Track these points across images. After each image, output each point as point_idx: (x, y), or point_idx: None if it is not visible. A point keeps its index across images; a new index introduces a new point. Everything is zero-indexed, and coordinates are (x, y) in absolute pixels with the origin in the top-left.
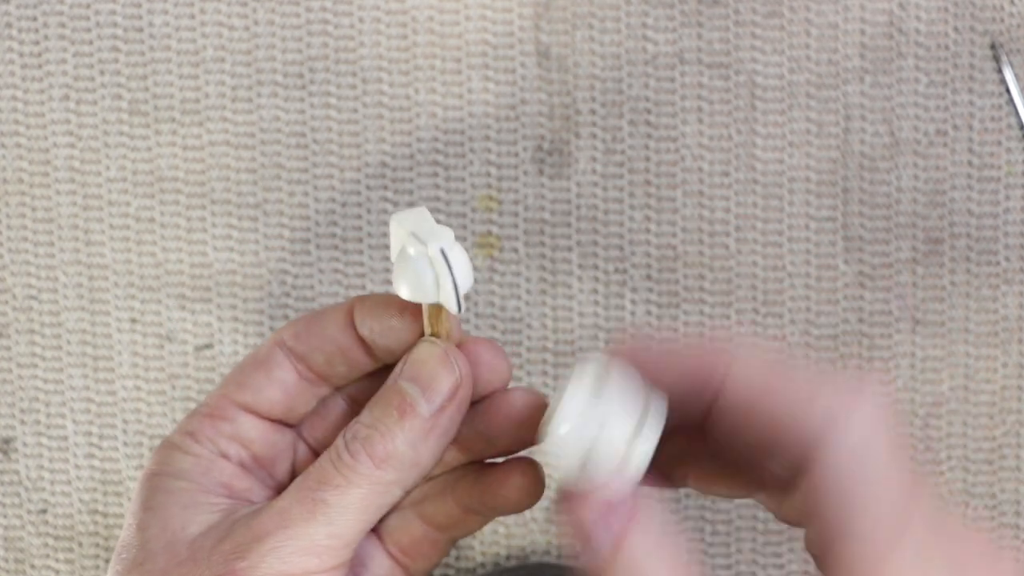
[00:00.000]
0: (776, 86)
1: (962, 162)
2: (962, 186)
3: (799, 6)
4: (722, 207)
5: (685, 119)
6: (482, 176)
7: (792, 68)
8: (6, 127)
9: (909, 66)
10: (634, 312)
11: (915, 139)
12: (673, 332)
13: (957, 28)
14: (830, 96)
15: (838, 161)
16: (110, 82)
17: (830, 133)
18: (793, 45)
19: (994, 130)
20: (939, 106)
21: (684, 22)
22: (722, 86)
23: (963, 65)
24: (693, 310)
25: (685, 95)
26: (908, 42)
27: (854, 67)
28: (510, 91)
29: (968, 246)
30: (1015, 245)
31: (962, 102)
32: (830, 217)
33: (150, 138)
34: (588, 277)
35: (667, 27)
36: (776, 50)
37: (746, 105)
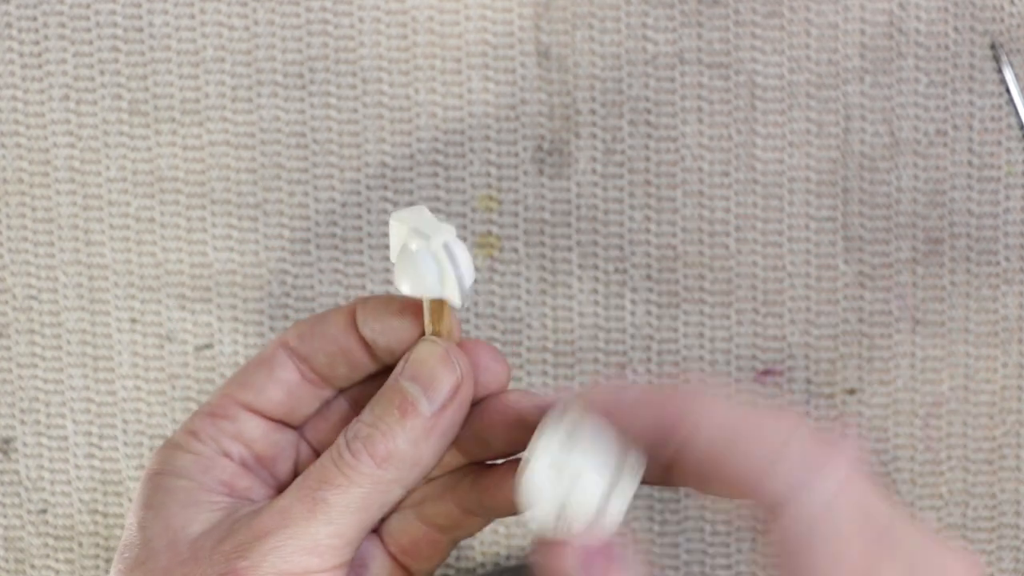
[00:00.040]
0: (776, 86)
1: (962, 162)
2: (962, 186)
3: (799, 6)
4: (722, 207)
5: (685, 119)
6: (482, 176)
7: (792, 68)
8: (6, 127)
9: (909, 66)
10: (634, 312)
11: (915, 139)
12: (638, 387)
13: (957, 28)
14: (830, 96)
15: (838, 161)
16: (110, 82)
17: (830, 133)
18: (793, 45)
19: (994, 130)
20: (939, 106)
21: (684, 22)
22: (722, 86)
23: (963, 65)
24: (693, 310)
25: (685, 95)
26: (908, 42)
27: (854, 67)
28: (510, 91)
29: (968, 246)
30: (1015, 245)
31: (962, 102)
32: (830, 217)
33: (150, 138)
34: (588, 277)
35: (667, 27)
36: (776, 50)
37: (746, 105)
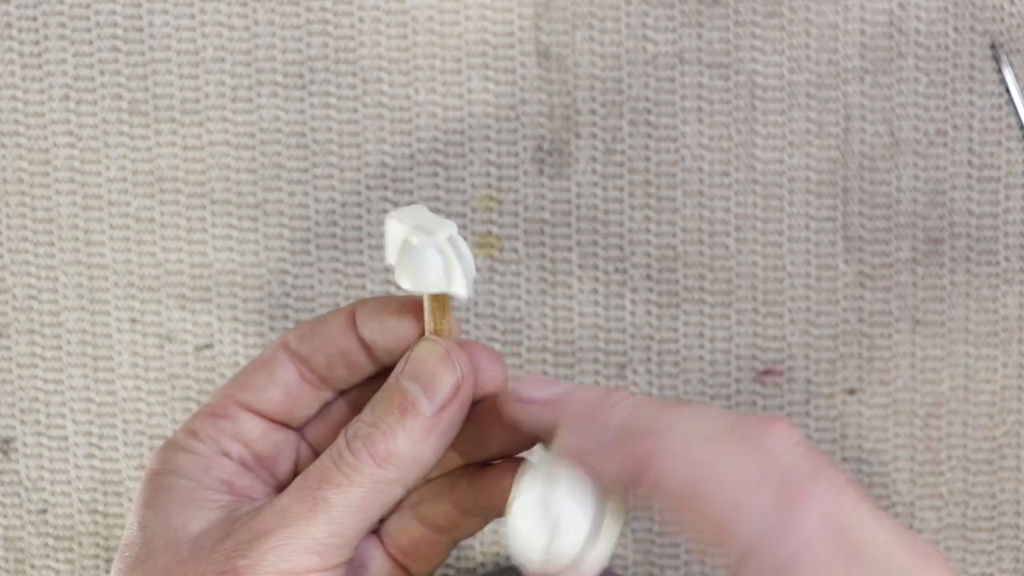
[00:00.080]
0: (776, 86)
1: (962, 162)
2: (962, 186)
3: (799, 6)
4: (722, 207)
5: (685, 119)
6: (482, 176)
7: (792, 68)
8: (6, 127)
9: (909, 66)
10: (634, 312)
11: (915, 139)
12: (609, 426)
13: (957, 28)
14: (830, 96)
15: (838, 161)
16: (110, 82)
17: (830, 133)
18: (793, 45)
19: (994, 130)
20: (939, 106)
21: (684, 22)
22: (722, 86)
23: (963, 65)
24: (693, 310)
25: (685, 95)
26: (908, 42)
27: (854, 67)
28: (510, 91)
29: (968, 246)
30: (1015, 245)
31: (962, 102)
32: (830, 217)
33: (150, 138)
34: (588, 277)
35: (667, 27)
36: (776, 50)
37: (746, 105)
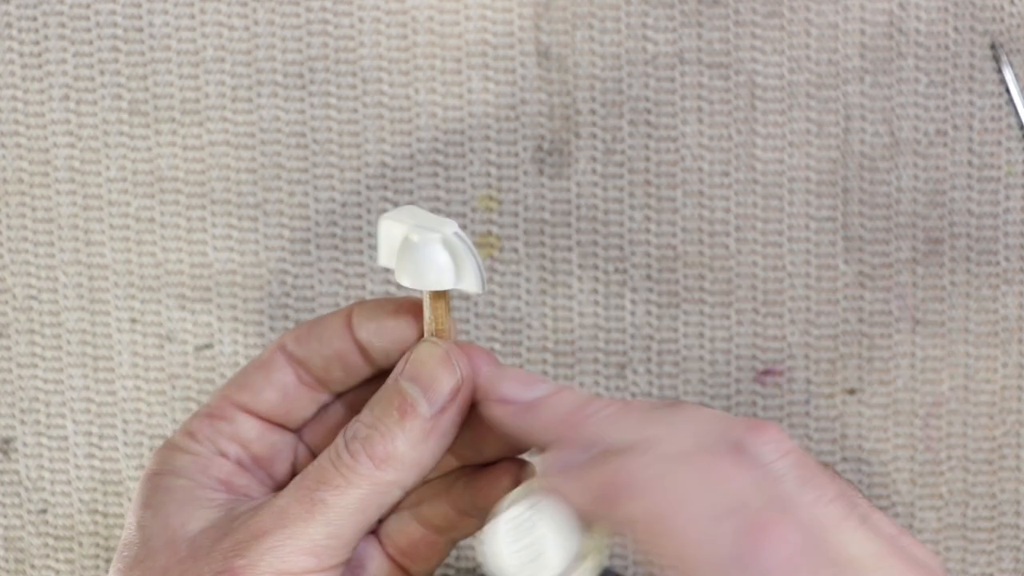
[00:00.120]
0: (776, 86)
1: (962, 162)
2: (962, 186)
3: (799, 6)
4: (722, 207)
5: (685, 119)
6: (482, 176)
7: (792, 68)
8: (6, 127)
9: (909, 66)
10: (634, 312)
11: (915, 139)
12: (586, 453)
13: (957, 28)
14: (830, 96)
15: (838, 161)
16: (110, 82)
17: (830, 133)
18: (793, 45)
19: (994, 130)
20: (939, 106)
21: (684, 22)
22: (722, 86)
23: (963, 65)
24: (693, 310)
25: (685, 95)
26: (908, 42)
27: (854, 67)
28: (510, 91)
29: (968, 246)
30: (1015, 245)
31: (962, 102)
32: (830, 217)
33: (150, 138)
34: (588, 277)
35: (667, 27)
36: (776, 50)
37: (746, 105)
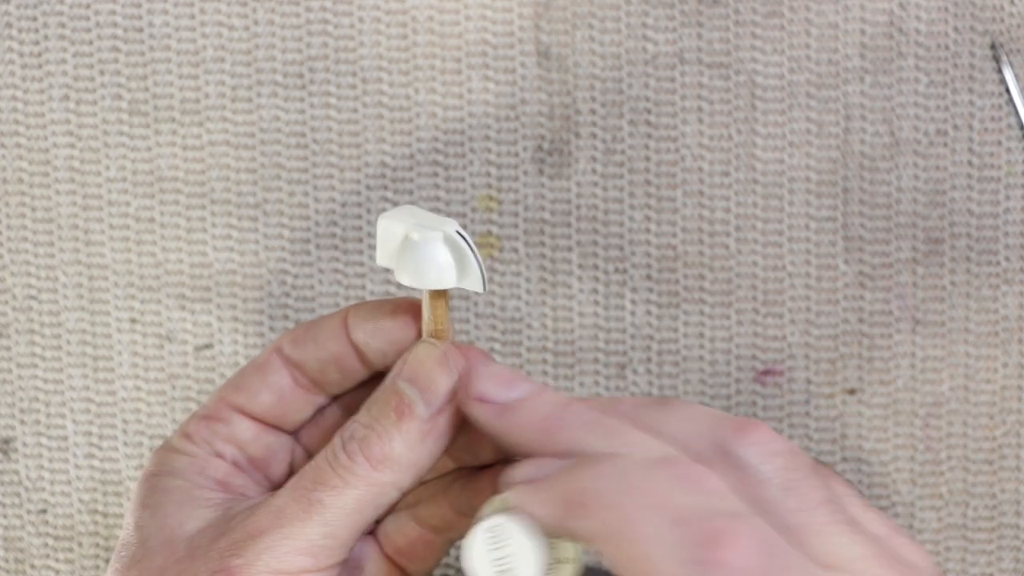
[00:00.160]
0: (776, 86)
1: (962, 162)
2: (962, 186)
3: (799, 6)
4: (722, 207)
5: (685, 119)
6: (482, 176)
7: (792, 68)
8: (6, 127)
9: (909, 66)
10: (634, 312)
11: (915, 139)
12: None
13: (957, 28)
14: (830, 96)
15: (838, 161)
16: (110, 82)
17: (830, 133)
18: (793, 45)
19: (994, 130)
20: (939, 106)
21: (684, 22)
22: (722, 86)
23: (963, 65)
24: (693, 310)
25: (685, 95)
26: (908, 42)
27: (854, 67)
28: (510, 91)
29: (968, 246)
30: (1015, 245)
31: (962, 102)
32: (830, 217)
33: (150, 138)
34: (588, 277)
35: (667, 27)
36: (776, 50)
37: (746, 105)
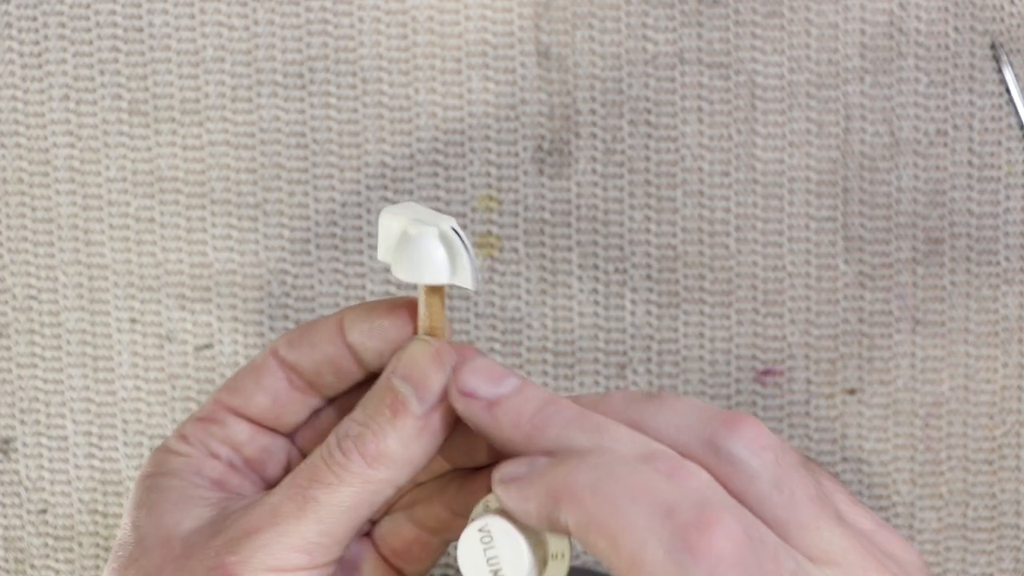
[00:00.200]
0: (776, 86)
1: (962, 162)
2: (962, 186)
3: (799, 6)
4: (722, 207)
5: (685, 119)
6: (482, 176)
7: (792, 68)
8: (6, 127)
9: (909, 66)
10: (634, 312)
11: (915, 139)
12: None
13: (957, 28)
14: (830, 96)
15: (838, 161)
16: (110, 82)
17: (830, 133)
18: (793, 45)
19: (994, 130)
20: (939, 106)
21: (684, 22)
22: (722, 86)
23: (963, 65)
24: (693, 310)
25: (685, 95)
26: (908, 42)
27: (854, 67)
28: (510, 91)
29: (968, 246)
30: (1015, 245)
31: (962, 102)
32: (830, 217)
33: (150, 138)
34: (588, 277)
35: (667, 27)
36: (776, 50)
37: (746, 105)
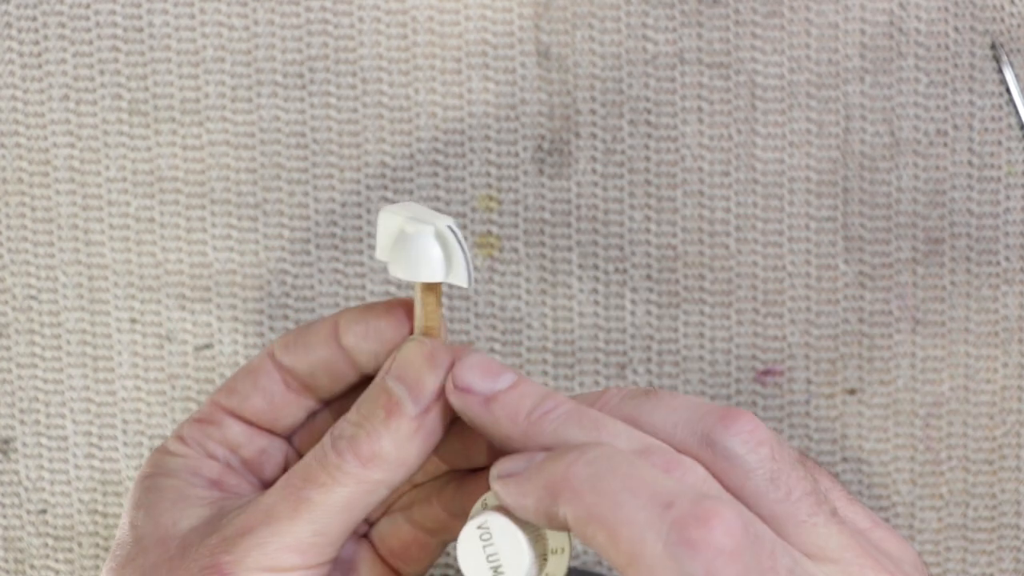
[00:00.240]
0: (776, 86)
1: (962, 162)
2: (962, 186)
3: (799, 6)
4: (722, 207)
5: (685, 119)
6: (482, 176)
7: (792, 68)
8: (6, 127)
9: (909, 66)
10: (634, 312)
11: (915, 139)
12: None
13: (957, 28)
14: (830, 96)
15: (838, 161)
16: (110, 82)
17: (830, 133)
18: (793, 45)
19: (994, 130)
20: (939, 106)
21: (684, 22)
22: (722, 86)
23: (963, 65)
24: (693, 310)
25: (685, 95)
26: (908, 42)
27: (854, 67)
28: (510, 91)
29: (968, 246)
30: (1015, 245)
31: (962, 102)
32: (830, 217)
33: (150, 138)
34: (588, 277)
35: (667, 27)
36: (776, 50)
37: (746, 105)
